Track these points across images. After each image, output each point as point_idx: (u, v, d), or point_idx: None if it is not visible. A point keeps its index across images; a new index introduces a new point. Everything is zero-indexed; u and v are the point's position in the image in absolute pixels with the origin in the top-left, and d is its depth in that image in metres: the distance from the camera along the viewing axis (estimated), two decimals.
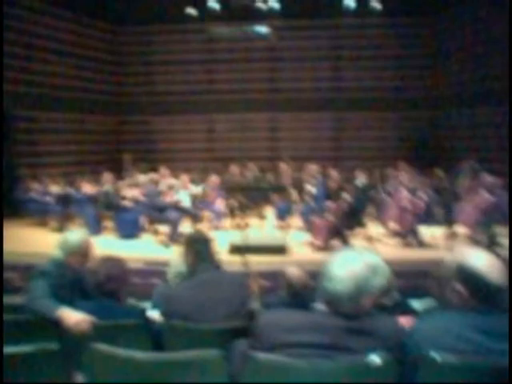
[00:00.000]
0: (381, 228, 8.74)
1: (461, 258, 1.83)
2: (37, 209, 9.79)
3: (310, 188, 9.48)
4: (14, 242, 7.83)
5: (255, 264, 6.50)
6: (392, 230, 8.34)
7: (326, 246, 7.44)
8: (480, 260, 1.79)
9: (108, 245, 7.81)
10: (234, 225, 9.21)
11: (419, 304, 3.25)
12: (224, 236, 8.26)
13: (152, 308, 2.98)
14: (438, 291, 1.99)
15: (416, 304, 3.29)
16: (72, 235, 3.15)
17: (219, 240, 7.68)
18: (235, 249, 7.16)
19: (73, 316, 2.52)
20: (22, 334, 2.46)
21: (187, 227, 8.46)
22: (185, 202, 8.85)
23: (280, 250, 7.31)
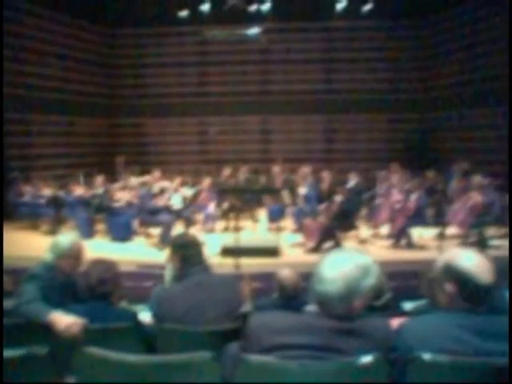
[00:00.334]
0: (373, 230, 8.77)
1: (450, 259, 1.84)
2: (29, 212, 9.73)
3: (303, 190, 9.50)
4: (6, 246, 7.77)
5: (247, 266, 6.51)
6: (384, 232, 8.37)
7: (319, 248, 7.46)
8: (469, 260, 1.81)
9: (100, 248, 7.79)
10: (227, 227, 9.21)
11: (411, 305, 3.27)
12: (216, 238, 8.27)
13: (149, 310, 2.96)
14: (429, 291, 2.01)
15: (408, 305, 3.31)
16: (63, 238, 3.13)
17: (212, 243, 7.72)
18: (227, 251, 7.16)
19: (64, 319, 2.51)
20: (12, 338, 2.44)
21: (180, 230, 8.45)
22: (177, 205, 8.84)
23: (272, 252, 7.32)
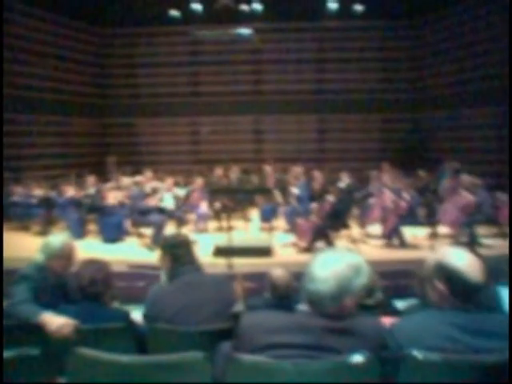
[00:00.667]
0: (361, 228, 8.80)
1: (441, 257, 1.86)
2: (20, 213, 9.67)
3: (295, 190, 9.52)
4: None
5: (240, 266, 6.51)
6: (375, 231, 8.40)
7: (311, 248, 7.47)
8: (460, 259, 1.83)
9: (92, 248, 7.77)
10: (219, 227, 9.21)
11: (403, 304, 3.28)
12: (209, 238, 8.26)
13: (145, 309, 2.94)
14: (420, 290, 2.02)
15: (400, 304, 3.32)
16: (54, 239, 3.12)
17: (204, 242, 7.72)
18: (220, 251, 7.16)
19: (55, 320, 2.49)
20: (4, 340, 2.42)
21: (172, 230, 8.43)
22: (169, 205, 8.82)
23: (265, 252, 7.32)
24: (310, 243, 7.52)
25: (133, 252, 7.83)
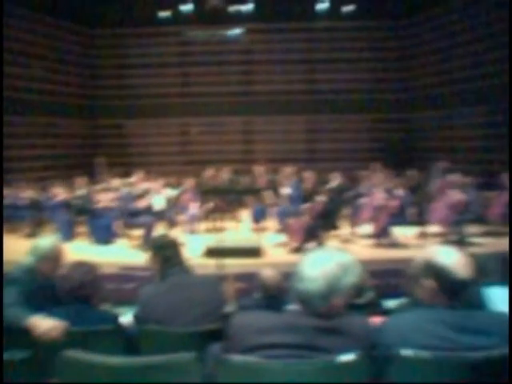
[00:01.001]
0: (351, 228, 8.82)
1: (430, 256, 1.87)
2: (8, 215, 9.58)
3: (286, 190, 9.52)
4: None
5: (231, 267, 6.50)
6: (365, 231, 8.43)
7: (302, 248, 7.48)
8: (448, 257, 1.84)
9: (82, 250, 7.71)
10: (210, 228, 9.20)
11: (393, 303, 3.29)
12: (200, 239, 8.24)
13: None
14: (409, 288, 2.03)
15: (390, 303, 3.33)
16: (43, 241, 3.10)
17: (194, 243, 7.70)
18: (211, 252, 7.15)
19: (44, 323, 2.47)
20: None
21: (162, 231, 8.40)
22: (159, 206, 8.79)
23: (255, 253, 7.32)
24: (301, 243, 7.54)
25: (123, 254, 7.80)
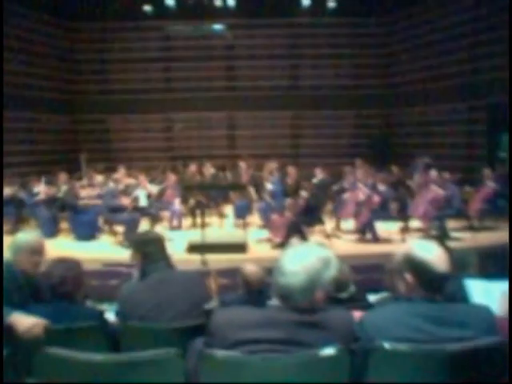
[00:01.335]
0: (335, 222, 8.89)
1: (409, 250, 1.91)
2: None
3: (269, 186, 9.54)
4: None
5: (215, 262, 6.51)
6: (348, 226, 8.50)
7: (285, 243, 7.50)
8: (427, 251, 1.88)
9: (64, 247, 7.66)
10: (193, 224, 9.18)
11: (376, 297, 3.33)
12: (183, 235, 8.23)
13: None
14: (390, 282, 2.06)
15: (373, 298, 3.37)
16: (22, 235, 3.05)
17: (178, 239, 7.69)
18: (194, 248, 7.14)
19: (25, 321, 2.44)
20: None
21: (145, 227, 8.36)
22: (143, 202, 8.74)
23: (239, 248, 7.33)
24: (285, 239, 7.56)
25: (106, 250, 7.75)
